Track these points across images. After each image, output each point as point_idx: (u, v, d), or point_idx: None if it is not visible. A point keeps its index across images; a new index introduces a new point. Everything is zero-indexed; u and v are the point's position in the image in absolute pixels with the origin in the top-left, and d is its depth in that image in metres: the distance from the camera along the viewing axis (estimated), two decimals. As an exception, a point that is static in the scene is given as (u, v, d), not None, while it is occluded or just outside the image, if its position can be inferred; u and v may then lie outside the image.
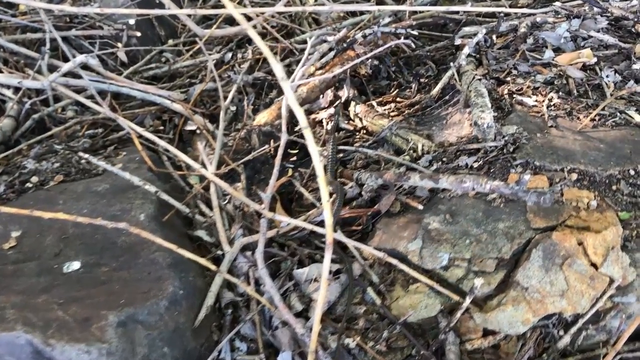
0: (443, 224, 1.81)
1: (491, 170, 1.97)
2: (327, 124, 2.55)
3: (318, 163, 1.16)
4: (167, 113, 2.80)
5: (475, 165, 1.99)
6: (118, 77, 2.86)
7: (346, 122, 2.58)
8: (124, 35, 3.11)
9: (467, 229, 1.78)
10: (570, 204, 1.81)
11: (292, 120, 2.67)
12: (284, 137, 1.86)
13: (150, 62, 3.14)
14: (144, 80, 3.03)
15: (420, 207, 1.88)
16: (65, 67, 2.50)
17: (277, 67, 1.09)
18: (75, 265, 1.75)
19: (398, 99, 2.69)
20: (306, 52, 2.14)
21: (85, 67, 2.77)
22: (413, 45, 2.31)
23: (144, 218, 1.91)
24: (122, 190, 2.05)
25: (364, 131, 2.50)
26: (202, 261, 1.72)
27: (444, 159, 2.06)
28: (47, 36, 2.91)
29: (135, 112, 2.77)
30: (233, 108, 2.93)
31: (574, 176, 1.90)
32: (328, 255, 1.42)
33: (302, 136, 2.59)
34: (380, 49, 2.14)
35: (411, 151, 2.14)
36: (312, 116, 2.64)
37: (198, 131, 2.69)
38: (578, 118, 2.21)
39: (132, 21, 3.11)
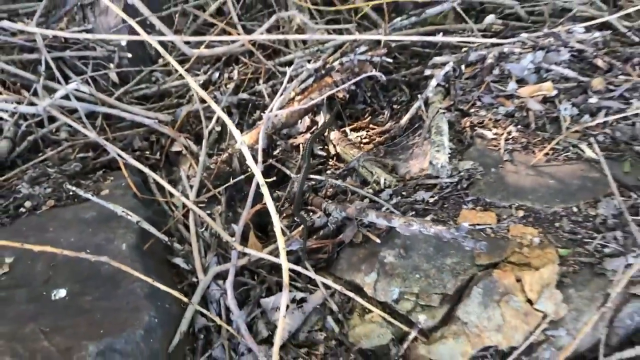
0: (397, 258, 1.98)
1: (445, 206, 2.13)
2: (303, 149, 2.72)
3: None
4: (155, 134, 2.97)
5: (431, 200, 2.16)
6: (108, 98, 3.02)
7: (321, 147, 2.74)
8: (115, 56, 3.28)
9: (418, 263, 1.95)
10: (515, 240, 1.97)
11: (272, 145, 2.84)
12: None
13: (141, 82, 3.29)
14: (134, 100, 3.20)
15: (378, 240, 2.05)
16: (58, 94, 2.66)
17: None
18: (62, 292, 1.93)
19: (371, 126, 2.85)
20: (285, 80, 2.31)
21: (78, 90, 2.94)
22: (384, 78, 2.47)
23: (126, 248, 2.09)
24: (107, 219, 2.22)
25: (337, 158, 2.67)
26: (176, 293, 1.90)
27: (403, 193, 2.23)
28: (42, 57, 3.06)
29: (124, 133, 2.94)
30: (218, 128, 3.10)
31: (521, 213, 2.06)
32: (285, 294, 1.60)
33: (279, 161, 2.76)
34: (355, 79, 2.31)
35: (374, 184, 2.31)
36: (291, 140, 2.80)
37: (184, 152, 2.87)
38: (533, 152, 2.35)
39: (123, 42, 3.26)
